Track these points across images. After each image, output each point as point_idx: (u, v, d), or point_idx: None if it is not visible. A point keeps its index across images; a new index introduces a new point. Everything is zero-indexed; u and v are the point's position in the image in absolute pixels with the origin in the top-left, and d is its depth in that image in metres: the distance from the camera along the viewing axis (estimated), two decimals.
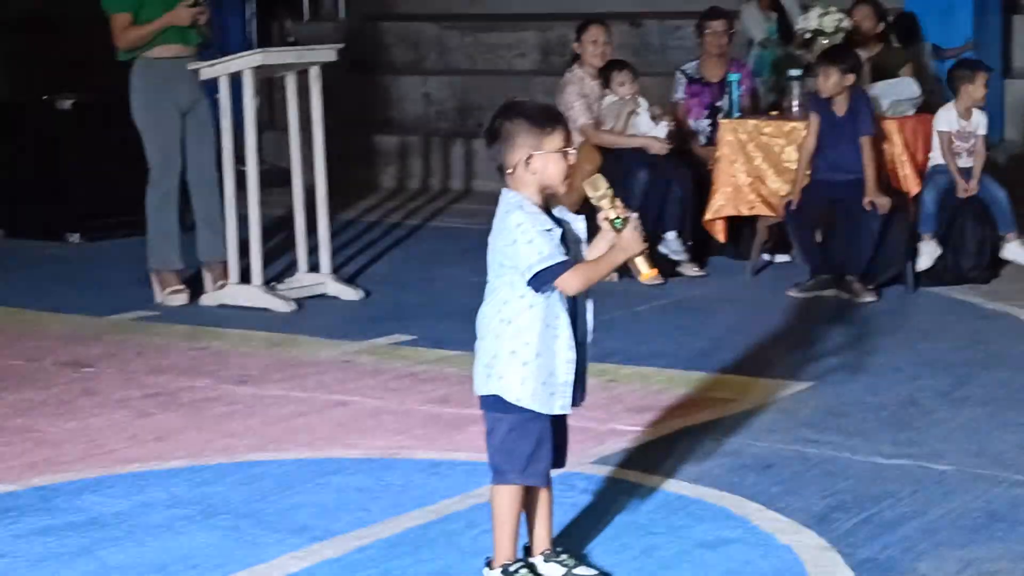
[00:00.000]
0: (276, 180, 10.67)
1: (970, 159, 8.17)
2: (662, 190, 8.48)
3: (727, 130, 8.55)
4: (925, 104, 8.61)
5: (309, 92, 7.96)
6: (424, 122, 13.27)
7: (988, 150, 8.36)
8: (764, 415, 5.72)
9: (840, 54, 8.05)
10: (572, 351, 3.90)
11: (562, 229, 3.90)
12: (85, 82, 10.56)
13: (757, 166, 8.46)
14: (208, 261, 8.09)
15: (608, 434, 5.46)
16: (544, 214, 3.87)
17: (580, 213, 4.04)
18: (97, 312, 7.79)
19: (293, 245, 8.28)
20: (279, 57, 8.17)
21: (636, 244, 3.85)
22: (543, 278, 3.82)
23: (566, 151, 3.90)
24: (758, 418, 5.68)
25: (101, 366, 6.67)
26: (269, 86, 12.45)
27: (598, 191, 3.88)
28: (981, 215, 8.17)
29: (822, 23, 8.75)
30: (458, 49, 13.91)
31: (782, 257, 8.86)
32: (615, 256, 3.88)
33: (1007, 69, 11.57)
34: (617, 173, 7.67)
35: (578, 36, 8.81)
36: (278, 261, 8.80)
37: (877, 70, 8.79)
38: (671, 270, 8.45)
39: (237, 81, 7.78)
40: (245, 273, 7.93)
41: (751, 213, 8.53)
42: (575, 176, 4.00)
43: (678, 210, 8.53)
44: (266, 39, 13.65)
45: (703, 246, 8.77)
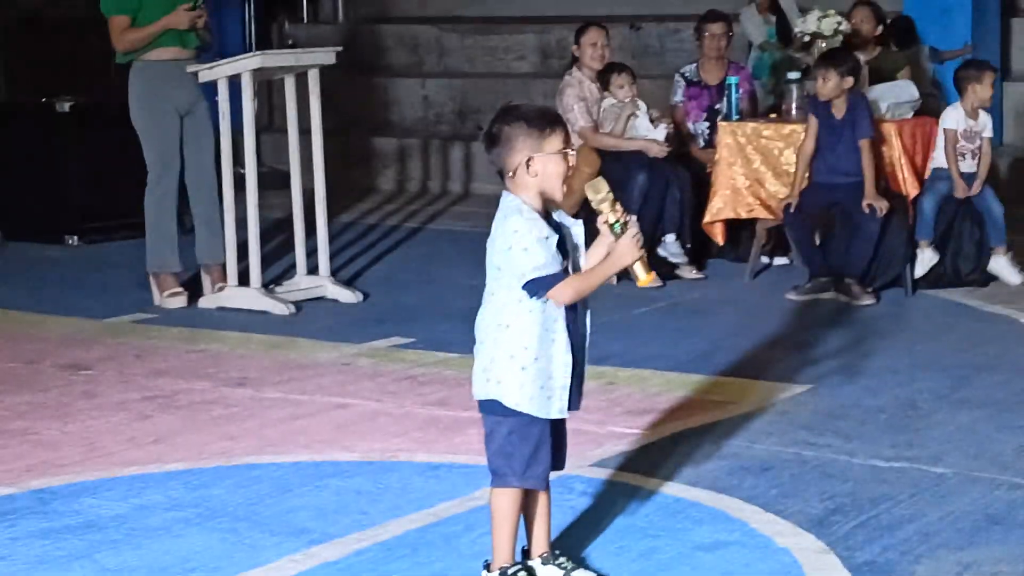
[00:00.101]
0: (275, 182, 10.69)
1: (974, 162, 8.16)
2: (661, 193, 8.48)
3: (726, 133, 8.55)
4: (923, 107, 8.61)
5: (308, 95, 7.97)
6: (423, 125, 13.28)
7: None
8: (763, 418, 5.73)
9: (839, 57, 8.06)
10: (570, 355, 3.90)
11: (560, 235, 3.89)
12: (84, 84, 10.58)
13: (756, 169, 8.46)
14: (207, 264, 8.10)
15: (607, 437, 5.46)
16: (543, 220, 3.86)
17: (578, 216, 4.03)
18: (96, 314, 7.79)
19: (292, 248, 8.29)
20: (278, 60, 8.16)
21: (632, 253, 3.85)
22: (535, 288, 3.83)
23: (566, 152, 3.90)
24: (757, 421, 5.69)
25: (100, 368, 6.67)
26: (268, 88, 12.48)
27: (599, 195, 3.87)
28: (979, 219, 8.18)
29: (821, 26, 8.75)
30: (457, 52, 13.92)
31: (781, 260, 8.87)
32: (609, 267, 3.88)
33: (1005, 72, 11.57)
34: (616, 176, 7.68)
35: (577, 39, 8.80)
36: (277, 264, 8.81)
37: (875, 73, 8.79)
38: (670, 273, 8.46)
39: (236, 84, 7.78)
40: (244, 276, 7.93)
41: (750, 216, 8.53)
42: (573, 179, 3.99)
43: (677, 213, 8.54)
44: (265, 42, 13.67)
45: (702, 249, 8.78)
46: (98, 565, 4.33)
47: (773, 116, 8.83)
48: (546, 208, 3.92)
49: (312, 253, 8.17)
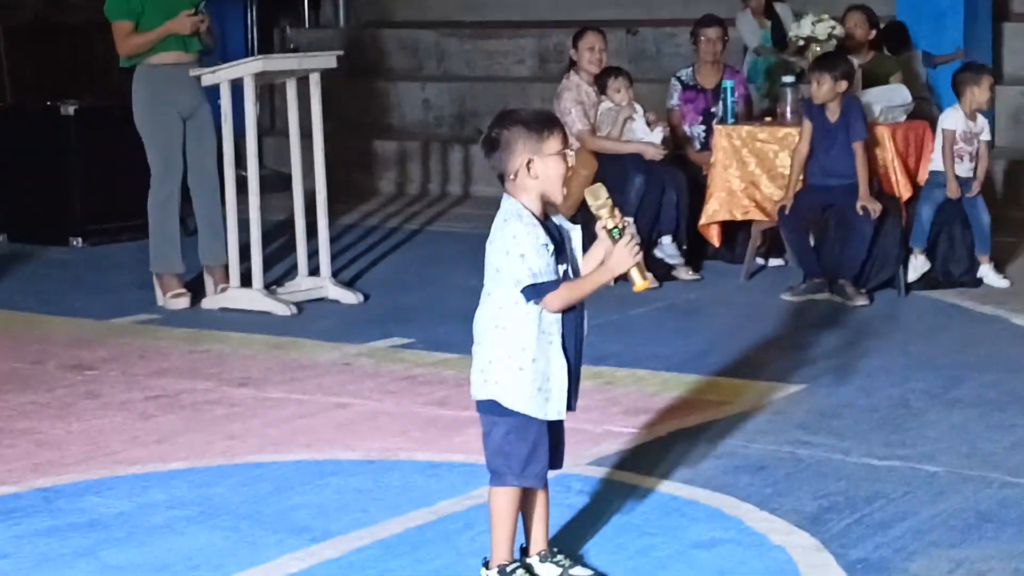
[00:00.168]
0: (277, 185, 10.74)
1: (971, 165, 8.17)
2: (657, 195, 8.52)
3: (722, 136, 8.59)
4: (916, 110, 8.66)
5: (309, 98, 8.00)
6: (423, 128, 13.30)
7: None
8: (758, 417, 5.75)
9: (833, 61, 8.09)
10: (567, 356, 3.92)
11: (560, 238, 3.92)
12: (88, 88, 10.61)
13: (751, 171, 8.50)
14: (209, 265, 8.13)
15: (604, 436, 5.49)
16: (541, 226, 3.88)
17: (575, 219, 4.07)
18: (100, 315, 7.82)
19: (293, 249, 8.32)
20: (280, 64, 8.20)
21: (627, 260, 3.85)
22: (530, 294, 3.85)
23: (565, 153, 3.92)
24: (752, 420, 5.71)
25: (103, 369, 6.69)
26: (270, 92, 12.51)
27: (599, 200, 3.89)
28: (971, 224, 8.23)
29: (815, 30, 8.78)
30: (457, 56, 13.94)
31: (776, 261, 8.91)
32: (602, 275, 3.88)
33: (997, 76, 11.55)
34: (613, 178, 7.73)
35: (575, 43, 8.83)
36: (279, 265, 8.82)
37: (869, 77, 8.84)
38: (666, 274, 8.50)
39: (238, 87, 7.83)
40: (246, 277, 7.96)
41: (745, 218, 8.57)
42: (571, 181, 4.03)
43: (673, 215, 8.58)
44: (267, 46, 13.69)
45: (698, 250, 8.81)
46: (102, 563, 4.35)
47: (768, 119, 8.86)
48: (545, 211, 3.94)
49: (313, 255, 8.20)
